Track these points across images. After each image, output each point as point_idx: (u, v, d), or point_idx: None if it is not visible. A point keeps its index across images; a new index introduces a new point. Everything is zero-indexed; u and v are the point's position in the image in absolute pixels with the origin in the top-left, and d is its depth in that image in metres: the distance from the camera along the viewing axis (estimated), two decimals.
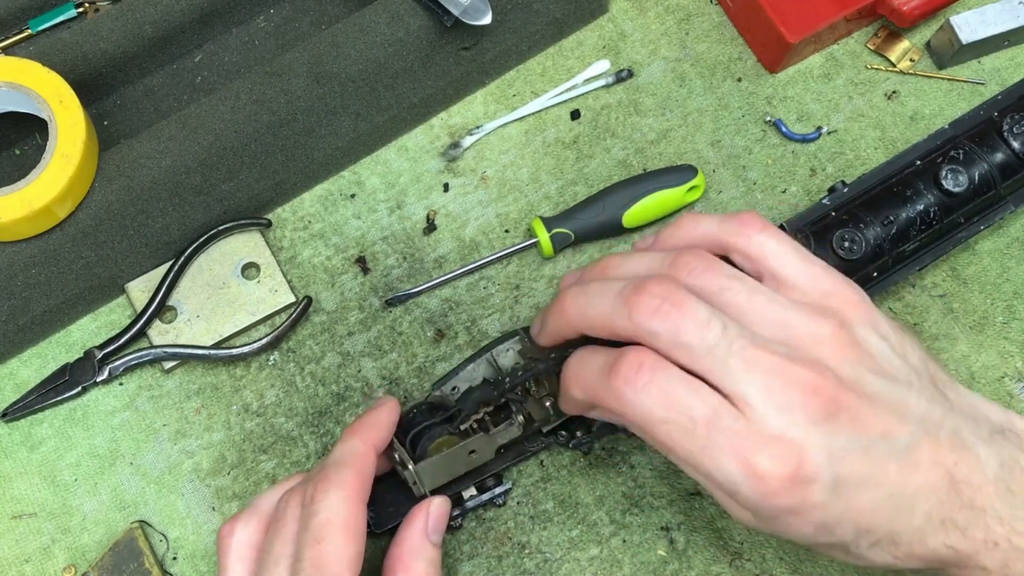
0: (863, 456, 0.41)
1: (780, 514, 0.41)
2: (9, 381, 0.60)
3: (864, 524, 0.42)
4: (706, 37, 0.67)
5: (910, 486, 0.42)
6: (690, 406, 0.41)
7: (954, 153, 0.55)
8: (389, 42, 0.61)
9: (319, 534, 0.45)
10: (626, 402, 0.42)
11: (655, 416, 0.42)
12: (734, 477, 0.41)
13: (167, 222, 0.60)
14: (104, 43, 0.61)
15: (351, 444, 0.49)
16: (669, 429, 0.42)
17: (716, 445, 0.41)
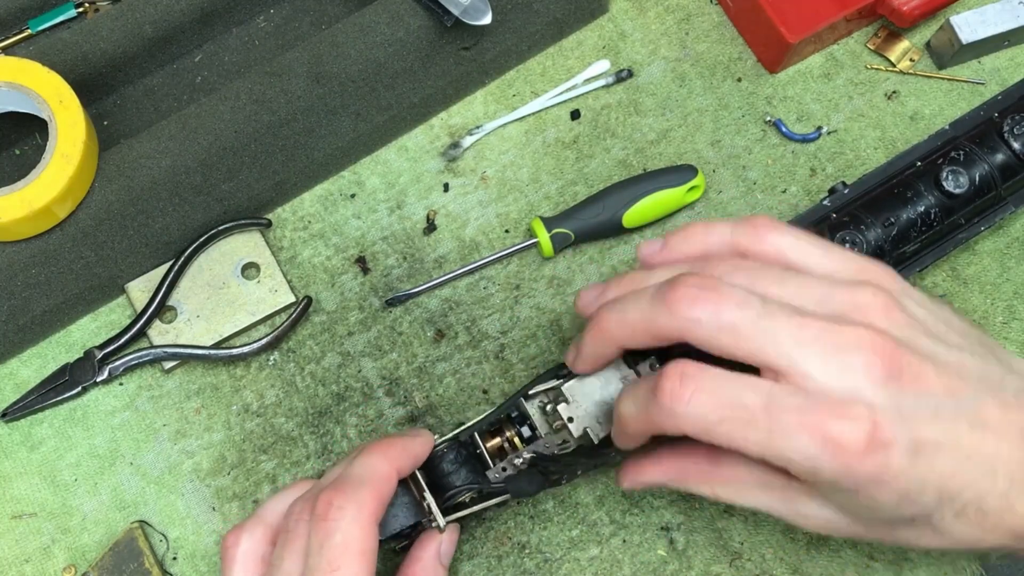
0: (934, 416, 0.40)
1: (863, 485, 0.40)
2: (9, 381, 0.60)
3: (947, 489, 0.40)
4: (706, 37, 0.67)
5: (986, 446, 0.41)
6: (742, 398, 0.40)
7: (954, 154, 0.55)
8: (389, 42, 0.61)
9: (335, 560, 0.43)
10: (679, 417, 0.41)
11: (712, 420, 0.41)
12: (810, 451, 0.39)
13: (167, 222, 0.60)
14: (104, 43, 0.61)
15: (375, 462, 0.47)
16: (730, 428, 0.41)
17: (783, 426, 0.40)
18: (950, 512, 0.41)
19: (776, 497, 0.45)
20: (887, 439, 0.39)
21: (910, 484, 0.40)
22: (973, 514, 0.41)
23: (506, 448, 0.52)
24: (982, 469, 0.41)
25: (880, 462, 0.39)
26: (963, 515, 0.41)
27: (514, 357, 0.60)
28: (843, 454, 0.39)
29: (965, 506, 0.41)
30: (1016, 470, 0.41)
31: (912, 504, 0.41)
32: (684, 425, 0.42)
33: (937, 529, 0.42)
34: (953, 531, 0.42)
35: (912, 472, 0.40)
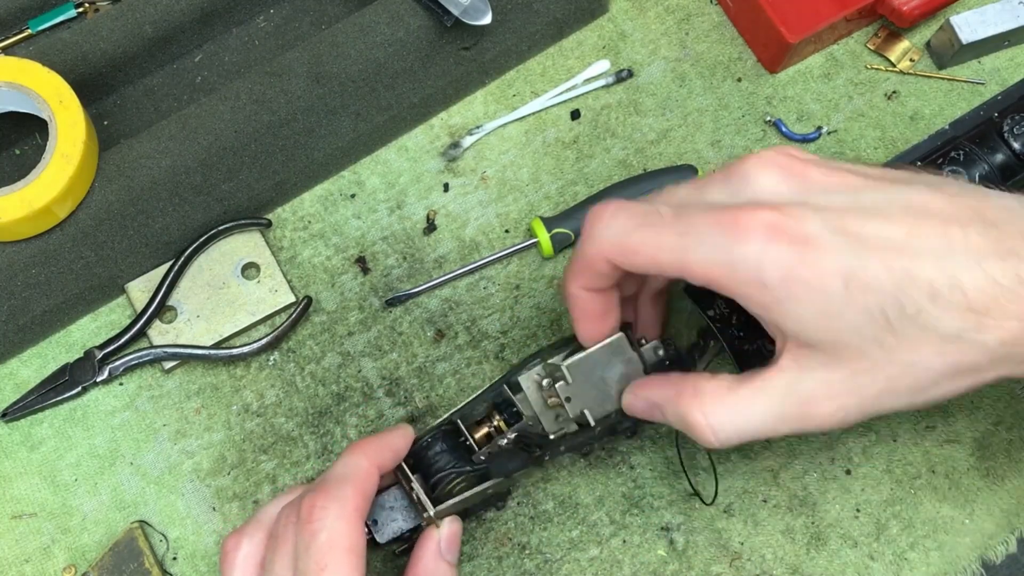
0: (855, 207, 0.41)
1: (790, 269, 0.40)
2: (9, 381, 0.60)
3: (899, 269, 0.39)
4: (706, 37, 0.67)
5: (930, 227, 0.40)
6: (657, 209, 0.43)
7: (954, 154, 0.55)
8: (389, 42, 0.61)
9: (321, 560, 0.43)
10: (600, 238, 0.44)
11: (628, 229, 0.44)
12: (722, 245, 0.41)
13: (167, 222, 0.60)
14: (104, 43, 0.61)
15: (354, 459, 0.47)
16: (643, 236, 0.43)
17: (694, 227, 0.42)
18: (923, 296, 0.39)
19: (774, 393, 0.43)
20: (796, 223, 0.40)
21: (850, 264, 0.39)
22: (951, 294, 0.39)
23: (493, 434, 0.52)
24: (933, 247, 0.40)
25: (797, 240, 0.40)
26: (940, 299, 0.39)
27: (514, 357, 0.60)
28: (752, 237, 0.40)
29: (935, 288, 0.39)
30: (980, 244, 0.39)
31: (868, 290, 0.39)
32: (605, 245, 0.44)
33: (924, 327, 0.40)
34: (942, 323, 0.39)
35: (844, 252, 0.39)
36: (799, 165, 0.42)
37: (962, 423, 0.58)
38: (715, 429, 0.44)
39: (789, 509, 0.56)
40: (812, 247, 0.40)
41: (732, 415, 0.44)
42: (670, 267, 0.42)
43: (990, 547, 0.56)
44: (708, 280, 0.42)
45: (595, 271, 0.46)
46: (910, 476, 0.57)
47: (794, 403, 0.43)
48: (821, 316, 0.40)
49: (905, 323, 0.40)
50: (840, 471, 0.57)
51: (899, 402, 0.42)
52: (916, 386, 0.41)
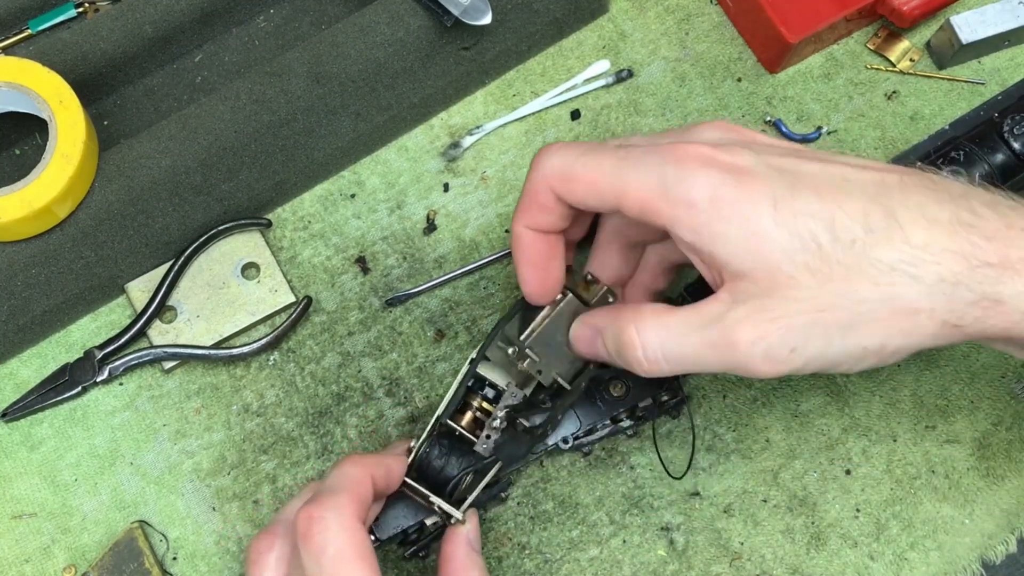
0: (794, 155, 0.42)
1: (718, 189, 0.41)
2: (9, 381, 0.60)
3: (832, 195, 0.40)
4: (706, 37, 0.67)
5: (869, 173, 0.42)
6: (600, 145, 0.46)
7: (954, 154, 0.56)
8: (389, 42, 0.61)
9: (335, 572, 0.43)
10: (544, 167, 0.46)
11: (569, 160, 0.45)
12: (654, 165, 0.42)
13: (167, 222, 0.60)
14: (104, 43, 0.61)
15: (346, 469, 0.47)
16: (586, 161, 0.45)
17: (635, 155, 0.43)
18: (857, 226, 0.40)
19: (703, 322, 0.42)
20: (730, 156, 0.41)
21: (780, 190, 0.40)
22: (888, 226, 0.40)
23: (480, 417, 0.52)
24: (869, 186, 0.41)
25: (728, 169, 0.41)
26: (876, 230, 0.40)
27: None
28: (685, 162, 0.41)
29: (870, 219, 0.40)
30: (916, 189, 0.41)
31: (798, 215, 0.40)
32: (547, 172, 0.46)
33: (859, 257, 0.40)
34: (877, 254, 0.40)
35: (775, 181, 0.41)
36: (748, 131, 0.46)
37: (962, 423, 0.58)
38: (645, 347, 0.44)
39: (789, 509, 0.56)
40: (743, 174, 0.41)
41: (663, 335, 0.43)
42: (607, 193, 0.44)
43: (990, 547, 0.56)
44: (641, 206, 0.42)
45: (539, 204, 0.47)
46: (910, 476, 0.57)
47: (721, 329, 0.41)
48: (750, 238, 0.40)
49: (838, 249, 0.40)
50: (840, 471, 0.57)
51: (830, 342, 0.41)
52: (847, 321, 0.40)
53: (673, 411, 0.57)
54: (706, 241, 0.41)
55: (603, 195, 0.44)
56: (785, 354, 0.41)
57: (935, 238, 0.40)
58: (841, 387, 0.59)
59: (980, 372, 0.59)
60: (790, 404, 0.58)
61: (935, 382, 0.59)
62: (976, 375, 0.59)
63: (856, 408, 0.58)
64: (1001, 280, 0.40)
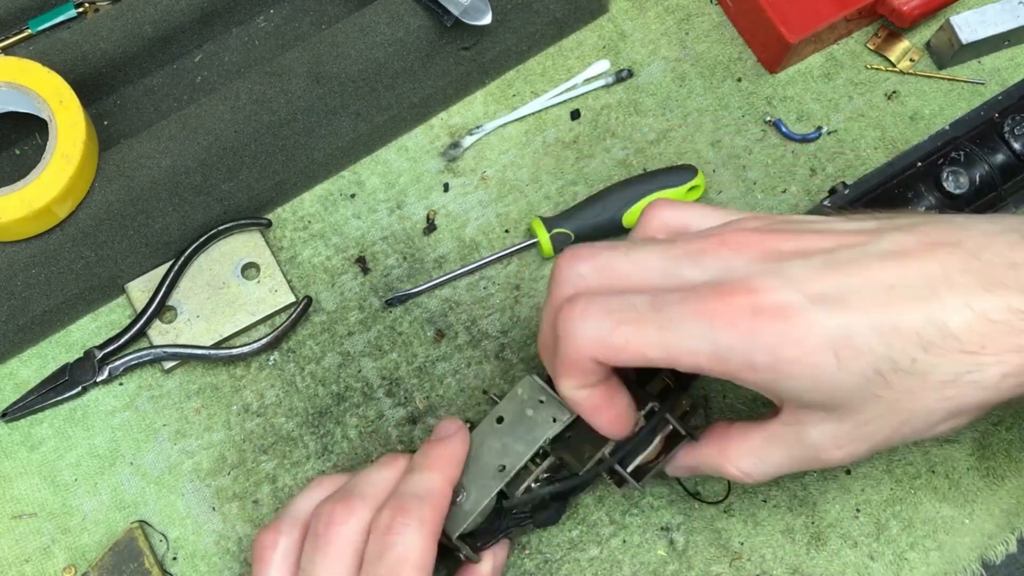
0: (829, 267, 0.40)
1: (780, 353, 0.39)
2: (9, 381, 0.60)
3: (886, 325, 0.39)
4: (706, 37, 0.67)
5: (909, 271, 0.39)
6: (631, 301, 0.42)
7: (955, 154, 0.55)
8: (389, 42, 0.61)
9: (394, 569, 0.44)
10: (579, 337, 0.42)
11: (607, 328, 0.42)
12: (703, 332, 0.40)
13: (167, 222, 0.60)
14: (104, 43, 0.61)
15: (431, 478, 0.47)
16: (625, 332, 0.41)
17: (672, 317, 0.41)
18: (914, 348, 0.39)
19: (786, 446, 0.45)
20: (773, 298, 0.39)
21: (836, 333, 0.39)
22: (943, 341, 0.39)
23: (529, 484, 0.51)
24: (915, 294, 0.39)
25: (778, 318, 0.39)
26: (932, 347, 0.39)
27: (514, 357, 0.60)
28: (730, 325, 0.40)
29: (925, 337, 0.39)
30: (963, 280, 0.39)
31: (859, 356, 0.39)
32: (586, 347, 0.42)
33: (921, 376, 0.39)
34: (939, 369, 0.39)
35: (827, 322, 0.39)
36: (770, 240, 0.42)
37: None
38: (748, 474, 0.47)
39: (789, 509, 0.56)
40: (793, 320, 0.39)
41: (757, 463, 0.46)
42: (659, 360, 0.42)
43: (990, 547, 0.56)
44: (697, 367, 0.41)
45: (583, 370, 0.44)
46: (910, 476, 0.57)
47: (804, 451, 0.44)
48: (816, 386, 0.40)
49: (901, 376, 0.40)
50: (840, 471, 0.57)
51: (908, 439, 0.43)
52: (922, 428, 0.42)
53: None
54: (771, 393, 0.43)
55: (653, 361, 0.42)
56: (866, 455, 0.44)
57: (992, 338, 0.39)
58: None
59: None
60: None
61: None
62: None
63: None
64: None
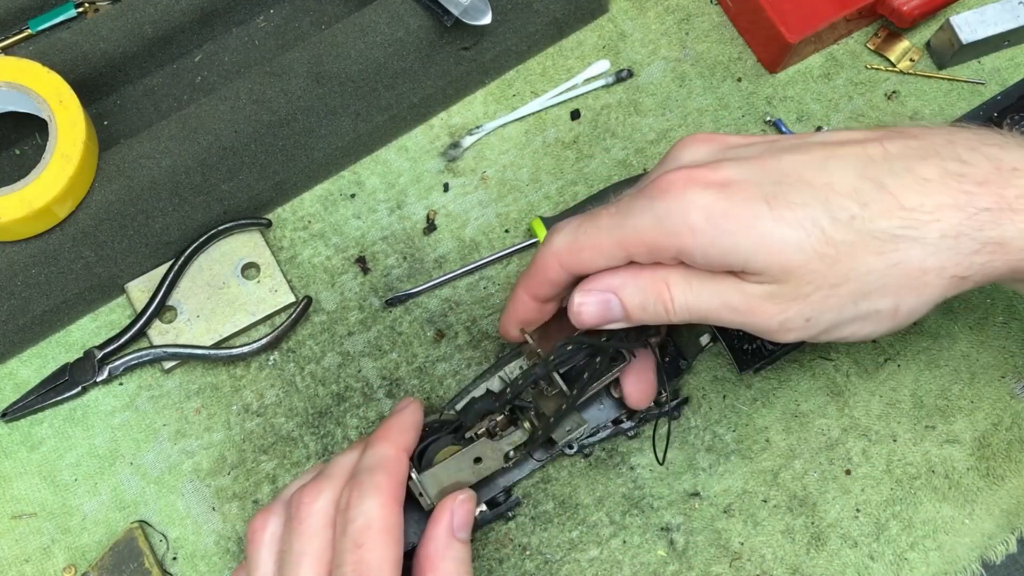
0: (772, 151, 0.43)
1: (711, 207, 0.42)
2: (9, 381, 0.60)
3: (820, 181, 0.41)
4: (706, 37, 0.67)
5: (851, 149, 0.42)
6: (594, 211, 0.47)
7: None
8: (389, 42, 0.61)
9: (358, 539, 0.45)
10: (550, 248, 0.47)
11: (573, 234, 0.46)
12: (644, 207, 0.43)
13: (167, 222, 0.60)
14: (104, 43, 0.61)
15: (381, 449, 0.48)
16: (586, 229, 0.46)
17: (621, 207, 0.45)
18: (851, 203, 0.41)
19: (725, 286, 0.45)
20: (711, 172, 0.43)
21: (769, 189, 0.41)
22: (880, 196, 0.41)
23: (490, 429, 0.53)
24: (852, 163, 0.42)
25: (712, 185, 0.42)
26: (871, 203, 0.41)
27: None
28: (671, 193, 0.43)
29: (861, 193, 0.41)
30: (901, 151, 0.42)
31: (792, 206, 0.41)
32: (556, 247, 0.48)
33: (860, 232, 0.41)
34: (877, 225, 0.41)
35: (761, 181, 0.42)
36: (718, 136, 0.46)
37: (962, 423, 0.58)
38: (674, 299, 0.46)
39: (789, 509, 0.56)
40: (729, 185, 0.42)
41: (686, 289, 0.45)
42: (612, 249, 0.45)
43: (990, 547, 0.56)
44: (647, 247, 0.44)
45: (546, 278, 0.49)
46: (910, 476, 0.57)
47: (741, 297, 0.44)
48: (756, 241, 0.42)
49: (839, 229, 0.41)
50: (840, 471, 0.57)
51: (843, 311, 0.43)
52: (859, 291, 0.42)
53: (674, 412, 0.57)
54: (716, 256, 0.43)
55: (610, 252, 0.45)
56: (801, 323, 0.43)
57: (928, 196, 0.41)
58: (841, 387, 0.59)
59: (980, 372, 0.59)
60: (790, 404, 0.58)
61: (935, 382, 0.59)
62: (976, 375, 0.59)
63: (856, 408, 0.58)
64: (1000, 222, 0.41)
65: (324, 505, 0.47)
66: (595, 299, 0.48)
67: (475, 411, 0.52)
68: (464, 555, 0.48)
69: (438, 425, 0.53)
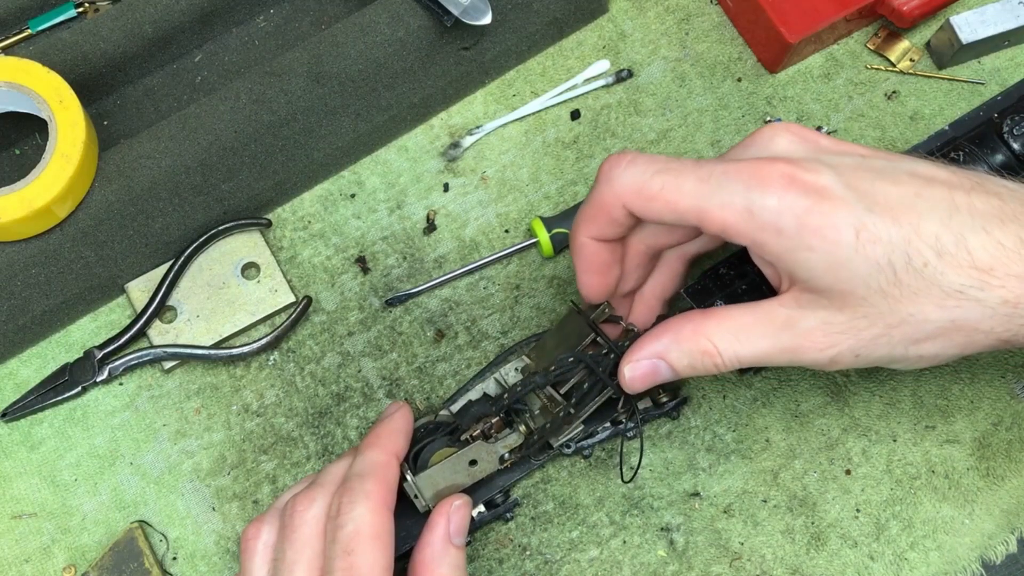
0: (865, 168, 0.43)
1: (805, 216, 0.41)
2: (9, 381, 0.60)
3: (908, 221, 0.41)
4: (706, 37, 0.67)
5: (939, 190, 0.42)
6: (675, 159, 0.45)
7: (954, 155, 0.55)
8: (389, 42, 0.61)
9: (348, 546, 0.45)
10: (617, 181, 0.45)
11: (646, 176, 0.44)
12: (738, 190, 0.42)
13: (167, 222, 0.60)
14: (104, 43, 0.61)
15: (371, 455, 0.49)
16: (664, 180, 0.44)
17: (714, 175, 0.43)
18: (929, 251, 0.41)
19: (774, 328, 0.45)
20: (811, 175, 0.42)
21: (861, 216, 0.41)
22: (957, 251, 0.41)
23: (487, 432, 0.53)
24: (940, 206, 0.41)
25: (812, 191, 0.42)
26: (946, 255, 0.41)
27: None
28: (770, 186, 0.42)
29: (942, 243, 0.41)
30: (983, 208, 0.42)
31: (877, 242, 0.41)
32: (622, 189, 0.45)
33: (929, 280, 0.41)
34: (947, 278, 0.41)
35: (856, 205, 0.41)
36: (811, 133, 0.45)
37: (962, 423, 0.58)
38: (722, 354, 0.46)
39: (789, 509, 0.56)
40: (826, 198, 0.42)
41: (736, 343, 0.46)
42: (688, 213, 0.44)
43: (990, 547, 0.56)
44: (725, 226, 0.43)
45: (609, 218, 0.47)
46: (910, 476, 0.57)
47: (790, 338, 0.44)
48: (831, 264, 0.42)
49: (911, 275, 0.41)
50: (840, 471, 0.57)
51: (893, 351, 0.44)
52: (912, 336, 0.43)
53: (673, 412, 0.57)
54: (788, 262, 0.43)
55: (683, 215, 0.44)
56: (851, 359, 0.44)
57: (1001, 262, 0.41)
58: (841, 387, 0.59)
59: (980, 372, 0.59)
60: (790, 404, 0.58)
61: (935, 382, 0.59)
62: (976, 375, 0.59)
63: (856, 408, 0.58)
64: None
65: (317, 513, 0.47)
66: (643, 369, 0.49)
67: (471, 414, 0.53)
68: (460, 561, 0.48)
69: (433, 427, 0.53)
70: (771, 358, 0.45)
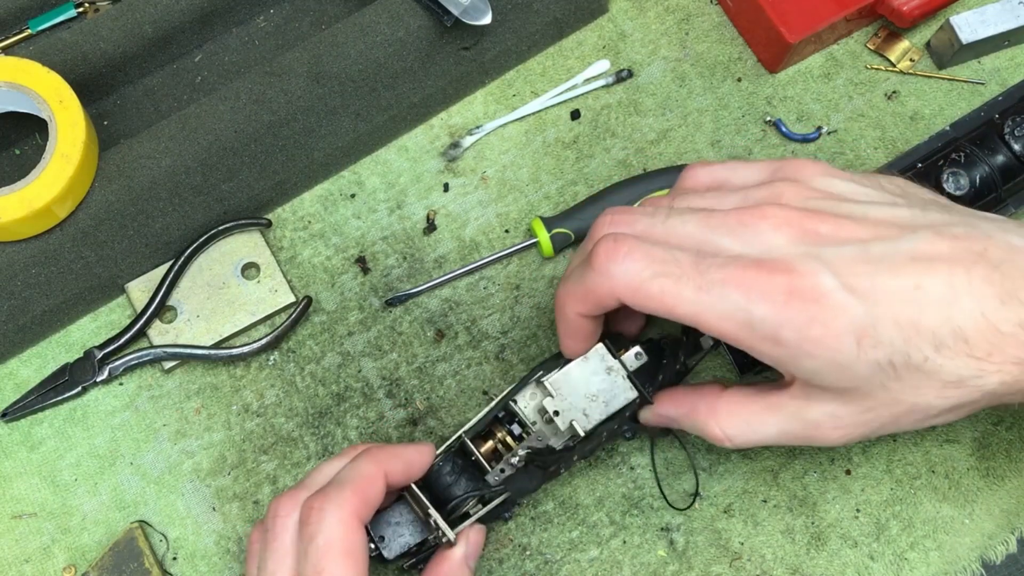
0: (862, 258, 0.42)
1: (807, 331, 0.41)
2: (9, 381, 0.60)
3: (907, 321, 0.41)
4: (706, 37, 0.67)
5: (936, 275, 0.41)
6: (674, 255, 0.44)
7: (955, 155, 0.55)
8: (389, 42, 0.61)
9: (319, 563, 0.44)
10: (613, 277, 0.44)
11: (645, 276, 0.43)
12: (738, 303, 0.42)
13: (167, 222, 0.60)
14: (104, 43, 0.61)
15: (361, 465, 0.47)
16: (663, 284, 0.43)
17: (711, 281, 0.42)
18: (928, 347, 0.41)
19: (783, 417, 0.46)
20: (810, 282, 0.41)
21: (861, 322, 0.41)
22: (954, 344, 0.41)
23: (500, 449, 0.53)
24: (938, 296, 0.41)
25: (811, 300, 0.41)
26: (944, 348, 0.41)
27: (514, 357, 0.60)
28: (767, 299, 0.41)
29: (939, 338, 0.41)
30: (983, 290, 0.41)
31: (878, 345, 0.41)
32: (618, 285, 0.44)
33: (929, 373, 0.41)
34: (946, 369, 0.41)
35: (855, 310, 0.41)
36: (809, 222, 0.43)
37: (962, 423, 0.58)
38: (731, 439, 0.47)
39: (789, 509, 0.56)
40: (825, 306, 0.41)
41: (745, 428, 0.47)
42: (685, 318, 0.44)
43: (990, 547, 0.56)
44: (722, 334, 0.43)
45: (600, 304, 0.47)
46: (910, 476, 0.57)
47: (801, 426, 0.46)
48: (833, 368, 0.42)
49: (911, 371, 0.42)
50: (840, 471, 0.57)
51: (901, 430, 0.45)
52: (918, 419, 0.44)
53: None
54: (790, 367, 0.43)
55: (679, 317, 0.44)
56: (860, 438, 0.46)
57: (998, 348, 0.41)
58: None
59: None
60: None
61: None
62: None
63: None
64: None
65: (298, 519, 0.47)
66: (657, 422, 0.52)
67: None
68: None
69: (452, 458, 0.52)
70: (781, 442, 0.47)
